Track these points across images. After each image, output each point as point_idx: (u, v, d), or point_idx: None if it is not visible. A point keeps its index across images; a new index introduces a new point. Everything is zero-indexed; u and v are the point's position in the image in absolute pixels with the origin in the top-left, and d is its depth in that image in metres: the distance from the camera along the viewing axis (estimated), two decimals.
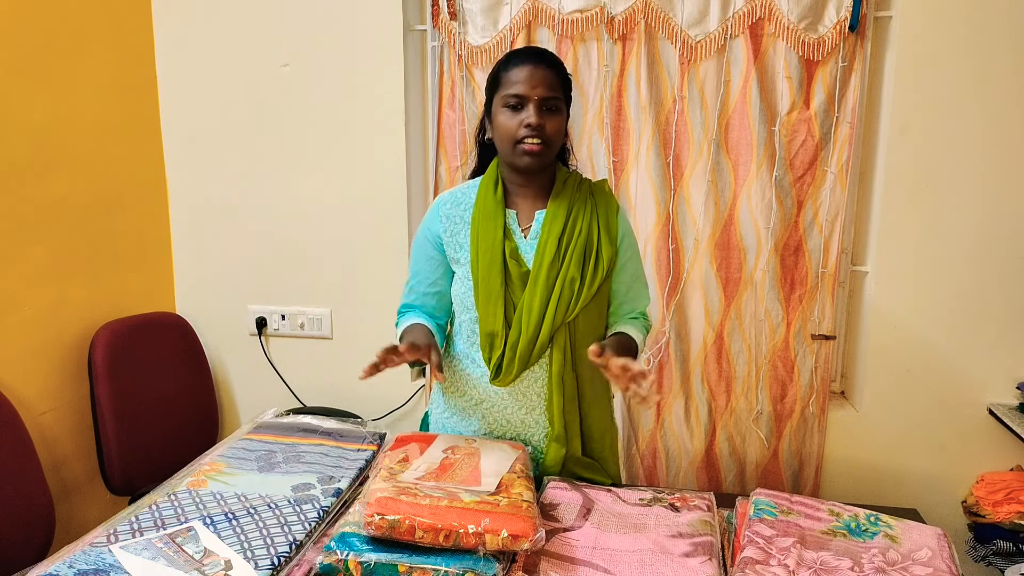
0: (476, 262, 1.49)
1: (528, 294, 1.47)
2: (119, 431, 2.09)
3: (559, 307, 1.46)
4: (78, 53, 2.11)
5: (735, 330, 2.28)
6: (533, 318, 1.46)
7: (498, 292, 1.47)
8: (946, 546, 1.28)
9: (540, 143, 1.43)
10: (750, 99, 2.15)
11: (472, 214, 1.52)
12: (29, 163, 1.95)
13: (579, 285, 1.47)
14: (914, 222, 2.15)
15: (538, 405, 1.54)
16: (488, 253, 1.47)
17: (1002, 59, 2.03)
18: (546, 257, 1.47)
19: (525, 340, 1.46)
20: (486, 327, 1.48)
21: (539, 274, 1.46)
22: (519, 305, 1.47)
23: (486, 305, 1.48)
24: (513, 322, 1.47)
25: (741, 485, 2.35)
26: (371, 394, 2.45)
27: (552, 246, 1.47)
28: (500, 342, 1.47)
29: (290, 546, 1.20)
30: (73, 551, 1.17)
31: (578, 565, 1.21)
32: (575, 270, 1.47)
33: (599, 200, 1.54)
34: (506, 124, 1.45)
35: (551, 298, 1.46)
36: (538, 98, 1.43)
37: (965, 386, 2.19)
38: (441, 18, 2.28)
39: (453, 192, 1.59)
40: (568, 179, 1.55)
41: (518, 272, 1.48)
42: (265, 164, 2.42)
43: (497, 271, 1.47)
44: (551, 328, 1.47)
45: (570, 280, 1.47)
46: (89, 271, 2.17)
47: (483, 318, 1.48)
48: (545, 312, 1.46)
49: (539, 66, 1.44)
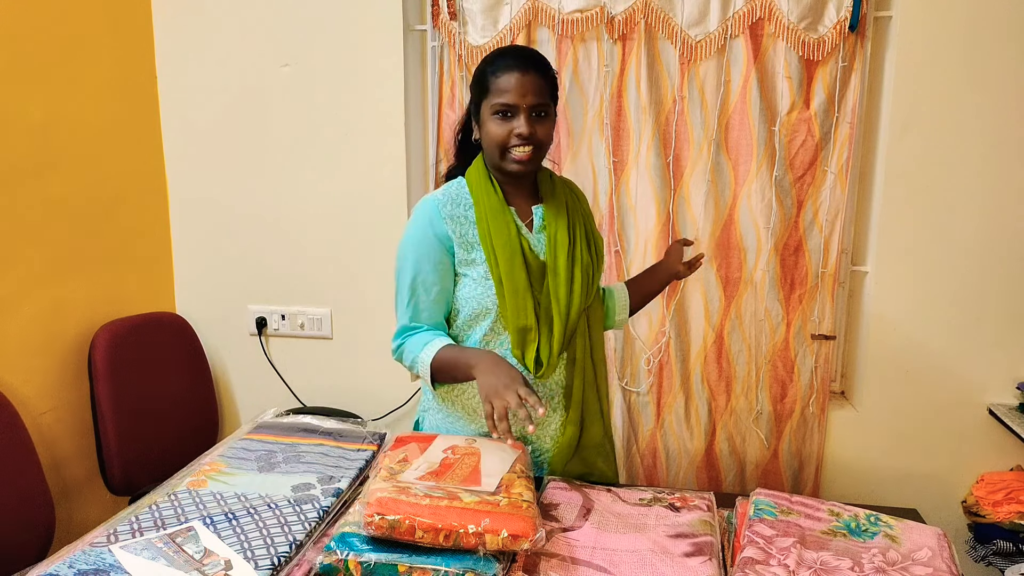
0: (495, 260, 1.46)
1: (552, 286, 1.49)
2: (119, 431, 2.09)
3: (581, 294, 1.50)
4: (78, 53, 2.11)
5: (735, 330, 2.28)
6: (562, 308, 1.48)
7: (525, 287, 1.46)
8: (946, 546, 1.28)
9: (530, 150, 1.45)
10: (750, 99, 2.15)
11: (477, 213, 1.49)
12: (29, 163, 1.95)
13: (592, 270, 1.54)
14: (914, 222, 2.15)
15: (556, 394, 1.54)
16: (507, 248, 1.46)
17: (1002, 59, 2.03)
18: (560, 247, 1.50)
19: (558, 331, 1.47)
20: (518, 322, 1.46)
21: (557, 264, 1.49)
22: (545, 298, 1.48)
23: (514, 300, 1.45)
24: (542, 314, 1.47)
25: (741, 485, 2.35)
26: (371, 394, 2.46)
27: (564, 236, 1.51)
28: (534, 335, 1.47)
29: (290, 546, 1.20)
30: (73, 551, 1.16)
31: (578, 565, 1.21)
32: (587, 257, 1.53)
33: (579, 193, 1.63)
34: (496, 132, 1.45)
35: (574, 287, 1.50)
36: (528, 107, 1.43)
37: (965, 386, 2.19)
38: (441, 18, 2.28)
39: (443, 193, 1.53)
40: (552, 176, 1.60)
41: (537, 264, 1.49)
42: (265, 164, 2.42)
43: (520, 265, 1.46)
44: (579, 314, 1.51)
45: (585, 267, 1.52)
46: (89, 271, 2.17)
47: (513, 314, 1.45)
48: (571, 301, 1.49)
49: (528, 73, 1.43)
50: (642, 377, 2.35)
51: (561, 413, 1.55)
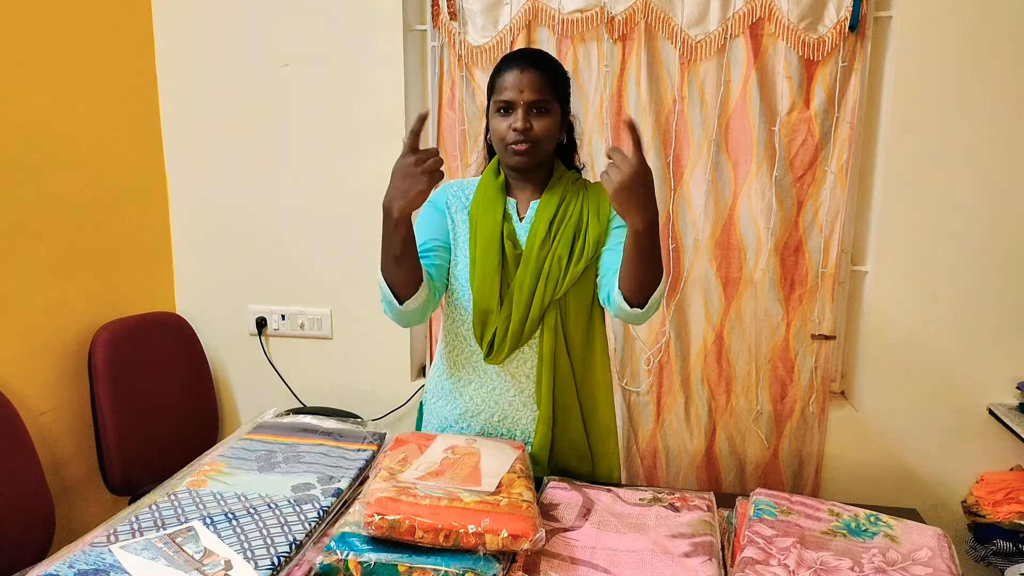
0: (474, 241, 1.55)
1: (520, 272, 1.52)
2: (119, 431, 2.09)
3: (548, 284, 1.51)
4: (78, 53, 2.11)
5: (735, 330, 2.28)
6: (524, 295, 1.51)
7: (494, 271, 1.52)
8: (946, 546, 1.28)
9: (527, 144, 1.50)
10: (750, 99, 2.15)
11: (473, 197, 1.60)
12: (29, 163, 1.95)
13: (567, 262, 1.53)
14: (914, 222, 2.15)
15: (527, 387, 1.57)
16: (486, 233, 1.53)
17: (1002, 59, 2.03)
18: (537, 237, 1.53)
19: (517, 317, 1.51)
20: (480, 304, 1.53)
21: (531, 253, 1.52)
22: (512, 283, 1.52)
23: (482, 282, 1.52)
24: (505, 299, 1.52)
25: (741, 485, 2.35)
26: (371, 394, 2.46)
27: (543, 227, 1.53)
28: (493, 319, 1.52)
29: (290, 546, 1.20)
30: (73, 551, 1.16)
31: (578, 565, 1.21)
32: (563, 249, 1.53)
33: (592, 192, 1.60)
34: (497, 128, 1.53)
35: (540, 276, 1.51)
36: (524, 102, 1.49)
37: (965, 386, 2.19)
38: (441, 18, 2.28)
39: (459, 181, 1.67)
40: (564, 175, 1.61)
41: (513, 253, 1.53)
42: (265, 164, 2.42)
43: (495, 251, 1.52)
44: (541, 305, 1.52)
45: (558, 258, 1.52)
46: (89, 271, 2.17)
47: (478, 295, 1.53)
48: (535, 289, 1.51)
49: (526, 70, 1.49)
50: (642, 377, 2.35)
51: (532, 408, 1.58)
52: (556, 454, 1.59)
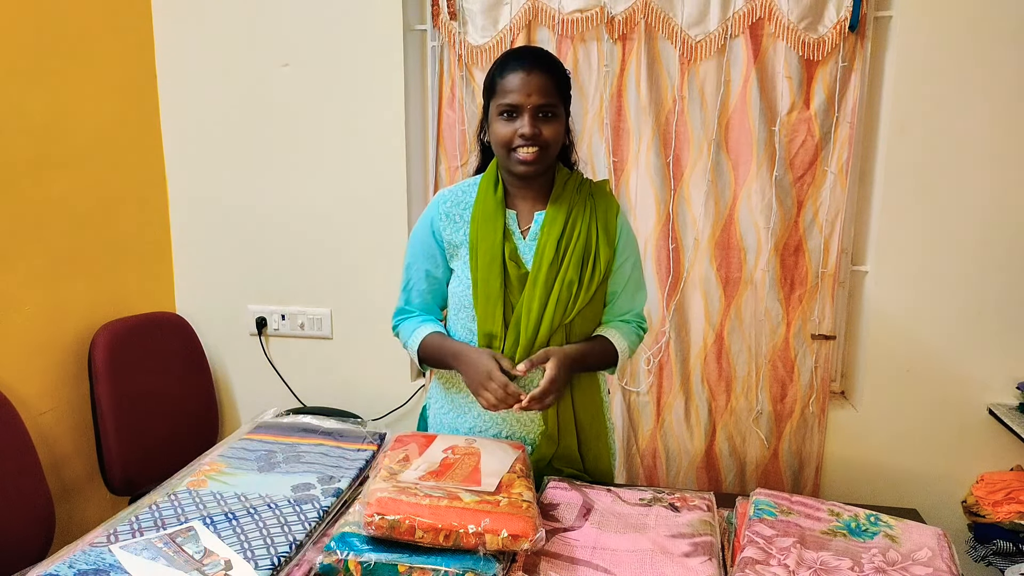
0: (475, 263, 1.49)
1: (527, 296, 1.47)
2: (119, 431, 2.09)
3: (557, 309, 1.47)
4: (78, 53, 2.11)
5: (735, 330, 2.28)
6: (532, 320, 1.47)
7: (497, 293, 1.47)
8: (946, 546, 1.28)
9: (535, 151, 1.43)
10: (750, 99, 2.15)
11: (472, 214, 1.52)
12: (29, 163, 1.95)
13: (577, 287, 1.48)
14: (914, 222, 2.15)
15: None
16: (488, 254, 1.48)
17: (1002, 59, 2.03)
18: (545, 259, 1.47)
19: (524, 342, 1.47)
20: (485, 328, 1.49)
21: (538, 276, 1.47)
22: (518, 307, 1.48)
23: (485, 306, 1.48)
24: (511, 323, 1.48)
25: (741, 485, 2.35)
26: (371, 394, 2.46)
27: (551, 248, 1.47)
28: (499, 343, 1.49)
29: (290, 546, 1.20)
30: (73, 551, 1.17)
31: (578, 565, 1.21)
32: (573, 273, 1.48)
33: (599, 202, 1.54)
34: (501, 132, 1.45)
35: (549, 300, 1.47)
36: (532, 107, 1.42)
37: (965, 386, 2.19)
38: (441, 18, 2.28)
39: (453, 190, 1.58)
40: (568, 180, 1.55)
41: (517, 274, 1.48)
42: (265, 164, 2.42)
43: (497, 272, 1.47)
44: (549, 330, 1.48)
45: (568, 283, 1.47)
46: (89, 271, 2.17)
47: (482, 319, 1.49)
48: (543, 314, 1.47)
49: (533, 72, 1.42)
50: (642, 377, 2.35)
51: (539, 424, 1.55)
52: (554, 461, 1.57)
